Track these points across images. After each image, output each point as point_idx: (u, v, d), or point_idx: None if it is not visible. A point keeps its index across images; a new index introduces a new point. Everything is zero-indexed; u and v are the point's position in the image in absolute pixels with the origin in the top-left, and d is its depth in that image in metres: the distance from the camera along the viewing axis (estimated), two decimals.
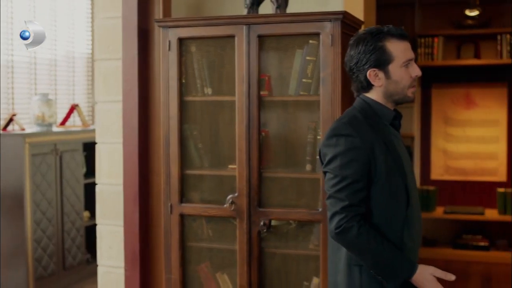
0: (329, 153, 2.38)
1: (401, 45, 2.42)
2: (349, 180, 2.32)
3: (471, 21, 6.83)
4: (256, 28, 3.16)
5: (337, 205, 2.32)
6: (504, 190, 6.63)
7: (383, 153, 2.36)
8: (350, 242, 2.33)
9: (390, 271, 2.34)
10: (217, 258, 3.43)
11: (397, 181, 2.39)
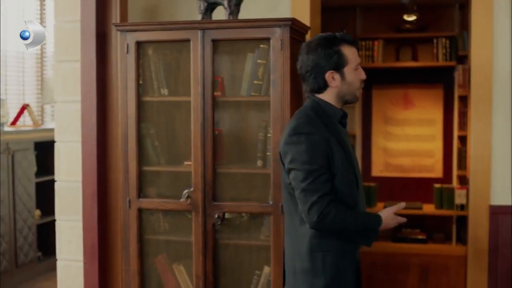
0: (292, 151, 2.61)
1: (352, 50, 2.70)
2: (317, 173, 2.57)
3: (409, 25, 7.11)
4: (210, 33, 3.38)
5: (313, 196, 2.57)
6: (440, 186, 6.96)
7: (337, 148, 2.63)
8: (331, 224, 2.59)
9: (369, 230, 2.66)
10: (174, 250, 3.64)
11: (349, 171, 2.66)
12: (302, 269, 2.71)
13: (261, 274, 3.49)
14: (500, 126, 3.71)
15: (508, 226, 3.66)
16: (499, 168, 3.71)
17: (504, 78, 3.70)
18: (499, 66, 3.71)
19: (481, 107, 3.77)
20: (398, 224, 2.74)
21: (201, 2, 3.50)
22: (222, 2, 3.46)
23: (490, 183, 3.72)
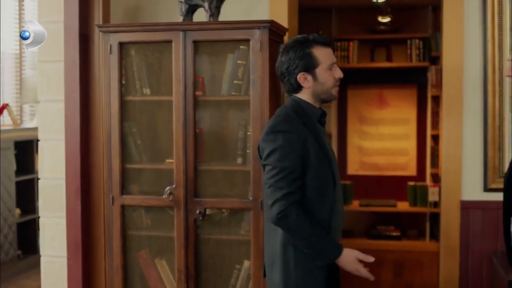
0: (268, 147, 2.72)
1: (325, 51, 2.81)
2: (287, 171, 2.67)
3: (384, 26, 7.34)
4: (192, 34, 3.49)
5: (277, 193, 2.67)
6: (414, 184, 7.18)
7: (313, 146, 2.73)
8: (289, 226, 2.68)
9: (320, 252, 2.72)
10: (156, 245, 3.74)
11: (325, 169, 2.77)
12: (277, 262, 2.82)
13: (241, 268, 3.61)
14: (471, 125, 3.87)
15: (478, 220, 3.82)
16: (470, 165, 3.87)
17: (474, 79, 3.86)
18: (469, 67, 3.87)
19: (453, 107, 3.93)
20: (357, 272, 2.73)
21: (182, 4, 3.61)
22: (202, 4, 3.57)
23: (461, 179, 3.88)
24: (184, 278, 3.58)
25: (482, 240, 3.82)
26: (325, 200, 2.77)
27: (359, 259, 2.73)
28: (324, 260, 2.73)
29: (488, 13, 3.81)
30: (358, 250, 2.75)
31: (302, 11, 4.36)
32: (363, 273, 2.74)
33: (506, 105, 3.78)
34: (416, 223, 7.29)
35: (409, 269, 6.48)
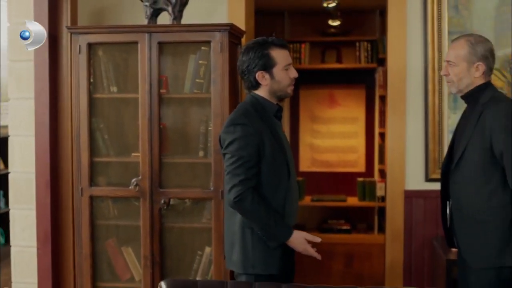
0: (228, 138, 3.02)
1: (282, 52, 3.12)
2: (244, 159, 2.98)
3: (334, 29, 7.70)
4: (157, 36, 3.78)
5: (235, 179, 2.97)
6: (363, 180, 7.57)
7: (269, 138, 3.04)
8: (245, 209, 2.98)
9: (273, 234, 3.02)
10: (123, 234, 4.00)
11: (280, 159, 3.08)
12: (236, 243, 3.11)
13: (203, 254, 3.90)
14: (413, 121, 4.22)
15: (420, 208, 4.18)
16: (412, 158, 4.22)
17: (416, 79, 4.21)
18: (412, 68, 4.22)
19: (397, 105, 4.28)
20: (306, 252, 3.04)
21: (147, 7, 3.88)
22: (166, 8, 3.85)
23: (405, 171, 4.23)
24: (149, 264, 3.85)
25: (424, 226, 4.18)
26: (279, 187, 3.07)
27: (307, 240, 3.04)
28: (276, 241, 3.03)
29: (429, 19, 4.16)
30: (310, 243, 3.04)
31: (257, 14, 4.65)
32: (311, 252, 3.06)
33: (445, 102, 4.15)
34: (365, 217, 7.69)
35: (358, 260, 6.85)
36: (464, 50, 3.06)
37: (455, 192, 3.09)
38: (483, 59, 3.05)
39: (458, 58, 3.08)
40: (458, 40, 3.15)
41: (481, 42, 3.08)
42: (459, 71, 3.07)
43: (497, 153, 2.94)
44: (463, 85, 3.09)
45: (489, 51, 3.08)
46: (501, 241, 2.96)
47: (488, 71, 3.08)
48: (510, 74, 4.11)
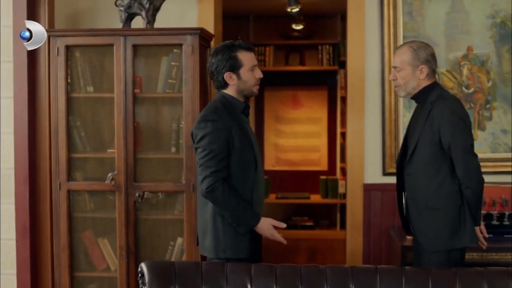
0: (200, 133, 3.29)
1: (248, 55, 3.40)
2: (215, 152, 3.25)
3: (297, 33, 7.98)
4: (131, 39, 4.03)
5: (206, 171, 3.24)
6: (325, 178, 7.87)
7: (238, 133, 3.32)
8: (216, 199, 3.25)
9: (242, 220, 3.30)
10: (99, 226, 4.24)
11: (248, 153, 3.35)
12: (209, 230, 3.37)
13: (175, 244, 4.16)
14: (371, 119, 4.53)
15: (378, 200, 4.50)
16: (371, 153, 4.54)
17: (374, 80, 4.52)
18: (370, 70, 4.53)
19: (356, 104, 4.59)
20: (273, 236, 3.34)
21: (122, 12, 4.13)
22: (140, 13, 4.11)
23: (364, 165, 4.55)
24: (125, 254, 4.10)
25: (381, 217, 4.50)
26: (247, 178, 3.35)
27: (274, 226, 3.34)
28: (245, 227, 3.30)
29: (385, 24, 4.48)
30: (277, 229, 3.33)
31: (223, 18, 4.89)
32: (277, 237, 3.35)
33: (400, 101, 4.47)
34: (327, 213, 8.00)
35: (321, 255, 7.15)
36: (407, 55, 3.39)
37: (409, 183, 3.41)
38: (425, 62, 3.38)
39: (403, 63, 3.40)
40: (402, 47, 3.49)
41: (423, 47, 3.41)
42: (405, 74, 3.39)
43: (445, 146, 3.27)
44: (410, 88, 3.41)
45: (431, 55, 3.41)
46: (451, 226, 3.28)
47: (431, 73, 3.41)
48: (459, 75, 4.46)
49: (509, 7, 4.42)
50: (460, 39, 4.46)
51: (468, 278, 2.73)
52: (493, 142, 4.46)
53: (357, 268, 2.83)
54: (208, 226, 3.38)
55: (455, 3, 4.46)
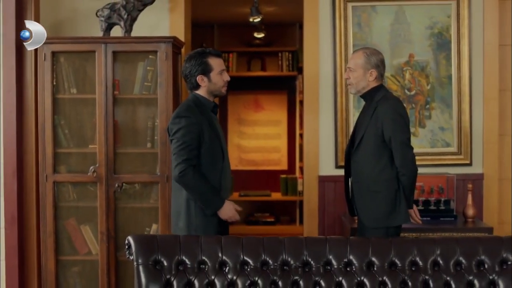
0: (175, 128, 3.82)
1: (217, 60, 3.96)
2: (187, 143, 3.79)
3: (259, 41, 8.54)
4: (111, 46, 4.55)
5: (179, 159, 3.78)
6: (285, 176, 8.42)
7: (207, 128, 3.86)
8: (187, 183, 3.78)
9: (208, 203, 3.83)
10: (81, 214, 4.74)
11: (216, 145, 3.90)
12: (182, 213, 3.89)
13: (151, 229, 4.69)
14: (325, 118, 5.10)
15: (331, 190, 5.07)
16: (325, 148, 5.10)
17: (327, 83, 5.08)
18: (324, 74, 5.11)
19: (312, 105, 5.15)
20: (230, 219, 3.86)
21: (102, 22, 4.65)
22: (119, 22, 4.63)
23: (319, 159, 5.12)
24: (105, 239, 4.61)
25: (334, 205, 5.08)
26: (215, 166, 3.89)
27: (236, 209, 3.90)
28: (212, 210, 3.83)
29: (337, 34, 5.06)
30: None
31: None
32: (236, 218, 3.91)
33: (351, 102, 5.06)
34: (287, 210, 8.54)
35: None
36: (361, 59, 3.98)
37: (354, 169, 4.00)
38: (375, 67, 3.97)
39: (356, 66, 3.99)
40: (357, 51, 4.08)
41: (375, 54, 4.00)
42: (357, 75, 3.98)
43: (386, 139, 3.85)
44: (360, 87, 4.00)
45: (381, 61, 4.00)
46: (389, 207, 3.86)
47: (379, 76, 4.00)
48: (402, 79, 5.07)
49: (445, 19, 5.06)
50: (402, 47, 5.08)
51: (401, 245, 3.31)
52: (432, 138, 5.09)
53: (310, 238, 3.40)
54: (181, 209, 3.90)
55: (398, 16, 5.07)
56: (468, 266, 3.26)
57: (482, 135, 5.08)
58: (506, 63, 5.12)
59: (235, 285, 3.25)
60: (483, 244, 3.30)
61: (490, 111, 5.08)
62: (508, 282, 3.20)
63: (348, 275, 3.26)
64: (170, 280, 3.24)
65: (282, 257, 3.31)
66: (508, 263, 3.24)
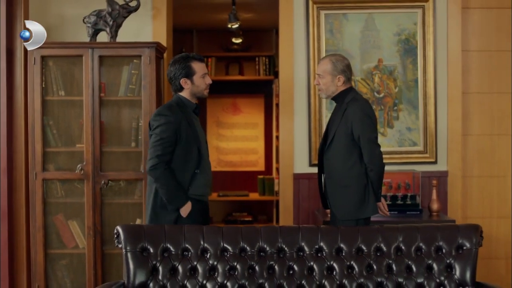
0: (155, 124, 4.12)
1: (200, 64, 4.27)
2: (164, 140, 4.08)
3: (236, 46, 8.85)
4: (98, 51, 4.86)
5: (154, 153, 4.08)
6: (263, 177, 8.75)
7: (186, 127, 4.15)
8: (156, 176, 4.07)
9: (172, 199, 4.10)
10: (69, 210, 5.02)
11: (192, 144, 4.18)
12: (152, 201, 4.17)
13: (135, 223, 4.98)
14: (299, 119, 5.43)
15: (306, 187, 5.40)
16: (299, 148, 5.43)
17: (301, 87, 5.41)
18: (298, 78, 5.44)
19: (287, 107, 5.48)
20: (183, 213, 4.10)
21: (89, 28, 4.95)
22: (105, 28, 4.93)
23: (294, 158, 5.45)
24: (92, 233, 4.90)
25: (308, 201, 5.41)
26: (188, 165, 4.17)
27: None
28: (174, 205, 4.11)
29: (310, 40, 5.40)
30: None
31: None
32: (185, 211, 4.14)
33: (323, 104, 5.39)
34: (265, 209, 8.86)
35: None
36: (328, 66, 4.32)
37: (327, 165, 4.34)
38: (342, 72, 4.31)
39: (324, 72, 4.33)
40: (324, 58, 4.43)
41: (340, 60, 4.34)
42: (326, 81, 4.32)
43: (356, 137, 4.19)
44: (330, 91, 4.34)
45: (347, 66, 4.34)
46: (358, 200, 4.20)
47: (347, 80, 4.33)
48: (372, 82, 5.43)
49: (412, 27, 5.43)
50: (372, 52, 5.44)
51: (367, 233, 3.65)
52: (400, 138, 5.45)
53: (284, 227, 3.73)
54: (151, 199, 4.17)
55: (368, 23, 5.43)
56: (428, 251, 3.61)
57: (447, 135, 5.45)
58: (469, 68, 5.50)
59: (216, 270, 3.57)
60: (441, 231, 3.65)
61: (454, 113, 5.44)
62: (463, 266, 3.55)
63: (319, 260, 3.59)
64: (156, 266, 3.55)
65: (259, 244, 3.63)
66: (464, 248, 3.59)
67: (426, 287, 3.55)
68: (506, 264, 5.59)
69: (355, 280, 3.56)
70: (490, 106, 5.54)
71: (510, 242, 5.56)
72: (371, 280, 3.56)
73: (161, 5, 5.36)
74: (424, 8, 5.41)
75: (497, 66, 5.52)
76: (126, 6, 4.95)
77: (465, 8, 5.49)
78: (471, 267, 3.55)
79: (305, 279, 3.56)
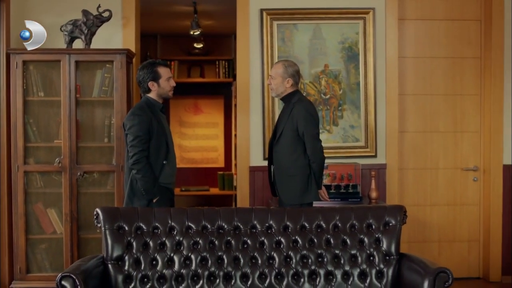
0: (129, 124, 4.75)
1: (165, 69, 4.92)
2: (140, 138, 4.72)
3: (198, 50, 9.44)
4: (74, 57, 5.48)
5: (135, 150, 4.71)
6: (222, 173, 9.32)
7: (155, 125, 4.80)
8: (139, 169, 4.70)
9: (148, 190, 4.74)
10: (48, 199, 5.63)
11: (161, 139, 4.84)
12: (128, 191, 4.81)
13: None
14: (255, 118, 6.06)
15: (260, 179, 6.05)
16: (254, 143, 6.05)
17: (256, 88, 6.05)
18: (254, 81, 6.07)
19: (243, 107, 6.13)
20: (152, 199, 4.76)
21: (66, 36, 5.57)
22: (80, 36, 5.56)
23: (249, 152, 6.10)
24: (69, 219, 5.52)
25: (263, 191, 6.06)
26: (159, 156, 4.81)
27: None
28: (149, 196, 4.76)
29: (264, 47, 6.05)
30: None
31: None
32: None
33: (276, 104, 6.05)
34: (224, 203, 9.33)
35: None
36: (280, 69, 5.00)
37: (276, 157, 5.01)
38: (291, 76, 4.99)
39: (276, 74, 5.01)
40: (277, 62, 5.12)
41: (291, 65, 5.03)
42: (276, 82, 5.00)
43: (300, 133, 4.87)
44: (279, 91, 5.02)
45: (296, 72, 5.02)
46: (302, 188, 4.88)
47: (295, 83, 5.01)
48: (319, 85, 6.13)
49: (354, 36, 6.15)
50: (319, 58, 6.14)
51: (309, 213, 4.34)
52: (344, 135, 6.16)
53: (240, 208, 4.40)
54: (128, 188, 4.79)
55: (315, 32, 6.13)
56: (360, 227, 4.31)
57: (385, 132, 6.18)
58: (404, 72, 6.27)
59: (182, 245, 4.23)
60: (372, 211, 4.37)
61: (392, 112, 6.18)
62: (390, 239, 4.26)
63: (268, 236, 4.27)
64: (131, 241, 4.19)
65: (218, 223, 4.28)
66: (390, 225, 4.30)
67: (359, 257, 4.25)
68: (439, 247, 6.38)
69: (299, 252, 4.24)
70: (423, 106, 6.33)
71: (441, 226, 6.35)
72: (312, 252, 4.24)
73: (130, 15, 5.99)
74: (365, 19, 6.12)
75: (430, 71, 6.31)
76: (99, 16, 5.58)
77: (402, 20, 6.26)
78: (395, 241, 4.26)
79: (257, 252, 4.23)
